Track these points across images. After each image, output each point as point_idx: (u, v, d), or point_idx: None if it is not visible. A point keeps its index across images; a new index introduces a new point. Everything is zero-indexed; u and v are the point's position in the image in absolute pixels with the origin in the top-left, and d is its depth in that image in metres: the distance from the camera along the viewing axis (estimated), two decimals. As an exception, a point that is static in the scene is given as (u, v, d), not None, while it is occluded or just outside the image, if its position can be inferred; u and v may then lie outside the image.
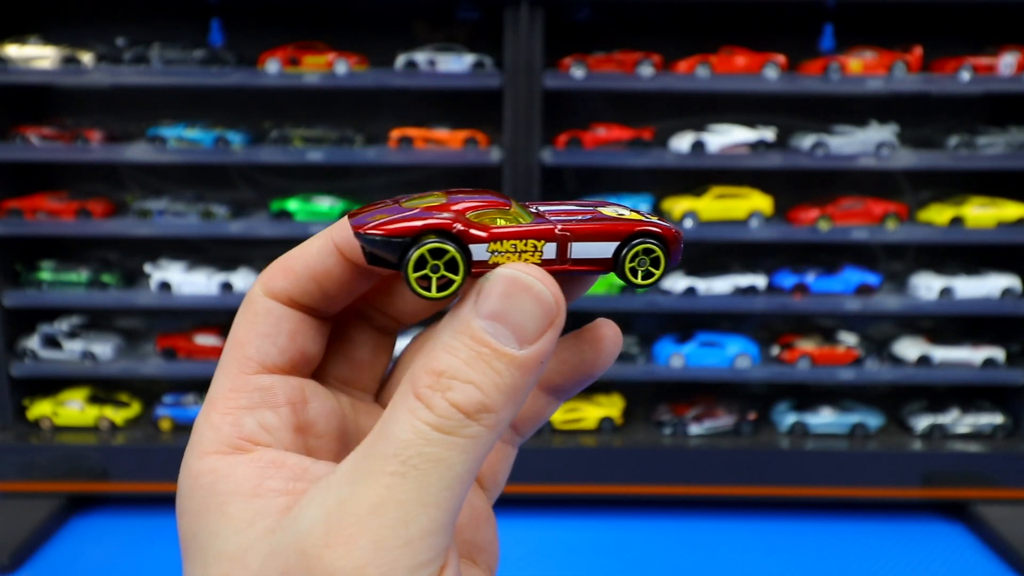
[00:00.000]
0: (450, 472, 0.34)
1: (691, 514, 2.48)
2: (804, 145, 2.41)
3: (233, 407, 0.40)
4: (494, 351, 0.35)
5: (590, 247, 0.41)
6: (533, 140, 2.31)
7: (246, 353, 0.41)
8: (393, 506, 0.34)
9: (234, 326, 0.43)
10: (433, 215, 0.39)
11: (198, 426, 0.41)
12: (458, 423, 0.34)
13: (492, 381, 0.35)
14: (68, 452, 2.44)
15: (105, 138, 2.43)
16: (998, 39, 2.42)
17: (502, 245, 0.39)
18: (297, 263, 0.43)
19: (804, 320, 2.72)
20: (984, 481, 2.44)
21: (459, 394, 0.35)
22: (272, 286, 0.43)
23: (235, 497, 0.37)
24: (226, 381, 0.41)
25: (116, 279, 2.49)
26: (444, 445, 0.34)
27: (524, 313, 0.36)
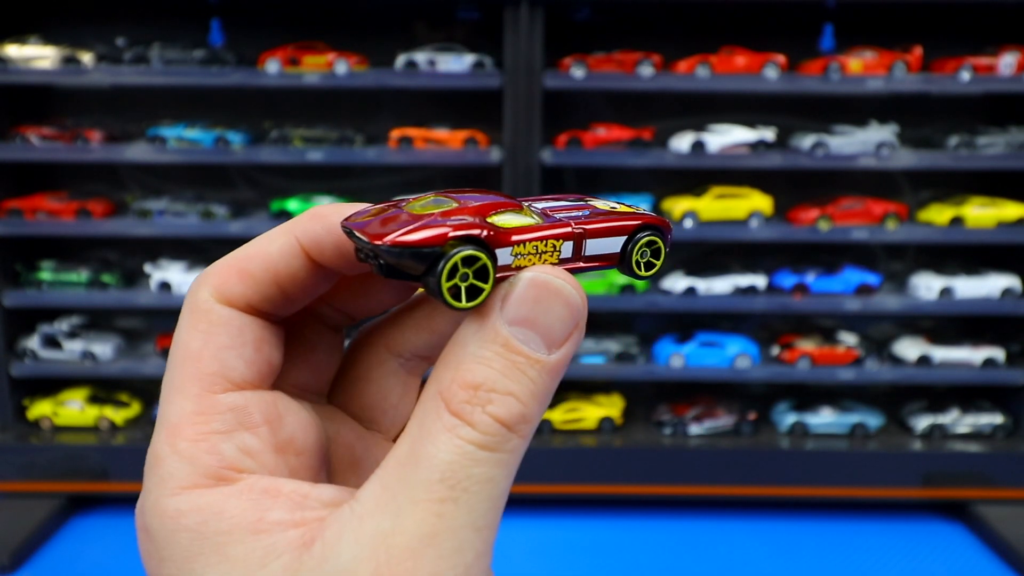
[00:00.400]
0: (497, 490, 0.33)
1: (691, 514, 2.48)
2: (804, 145, 2.41)
3: (205, 432, 0.35)
4: (528, 359, 0.34)
5: (602, 243, 0.41)
6: (533, 140, 2.31)
7: (206, 369, 0.37)
8: (447, 535, 0.32)
9: (182, 338, 0.38)
10: (458, 220, 0.37)
11: (161, 459, 0.35)
12: (502, 438, 0.33)
13: (529, 390, 0.33)
14: (68, 452, 2.44)
15: (105, 138, 2.43)
16: (998, 39, 2.42)
17: (525, 248, 0.37)
18: (255, 265, 0.38)
19: (804, 320, 2.72)
20: (984, 481, 2.44)
21: (500, 408, 0.33)
22: (227, 291, 0.38)
23: (235, 536, 0.34)
24: (186, 403, 0.36)
25: (116, 279, 2.49)
26: (491, 464, 0.33)
27: (553, 317, 0.35)
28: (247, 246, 0.39)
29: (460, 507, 0.32)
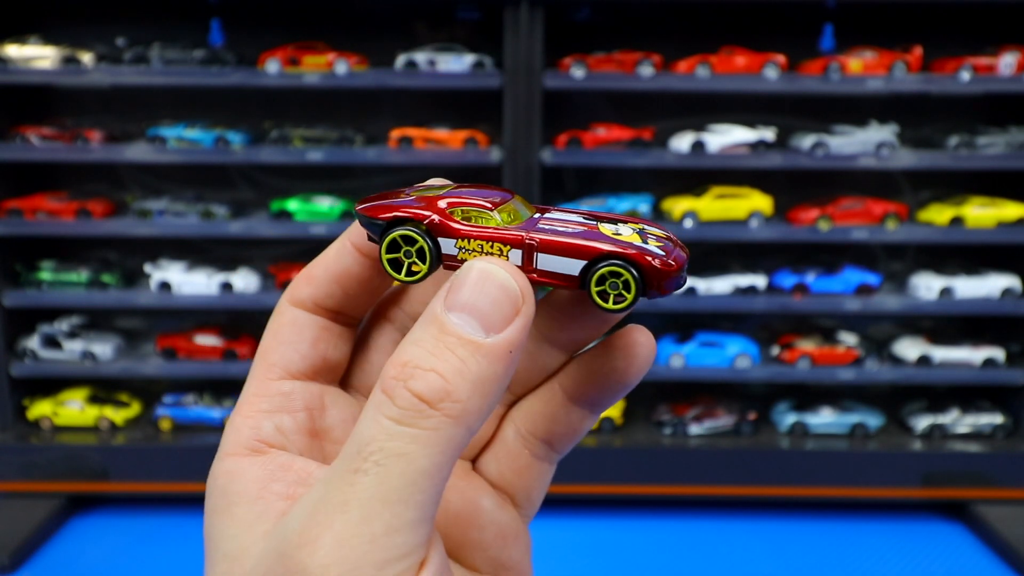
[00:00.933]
0: (412, 466, 0.33)
1: (691, 514, 2.48)
2: (804, 145, 2.41)
3: (255, 411, 0.42)
4: (459, 339, 0.35)
5: (556, 261, 0.40)
6: (533, 140, 2.31)
7: (270, 360, 0.43)
8: (355, 505, 0.33)
9: (264, 335, 0.45)
10: (416, 205, 0.42)
11: (225, 429, 0.42)
12: (419, 414, 0.33)
13: (455, 368, 0.34)
14: (68, 452, 2.44)
15: (105, 138, 2.43)
16: (998, 39, 2.42)
17: (469, 243, 0.41)
18: (317, 269, 0.45)
19: (804, 320, 2.72)
20: (984, 481, 2.44)
21: (420, 383, 0.34)
22: (296, 294, 0.45)
23: (242, 498, 0.39)
24: (251, 386, 0.43)
25: (116, 279, 2.49)
26: (405, 438, 0.33)
27: (490, 301, 0.36)
28: (319, 255, 0.46)
29: (370, 478, 0.33)
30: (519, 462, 0.46)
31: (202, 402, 2.53)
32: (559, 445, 0.47)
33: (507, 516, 0.46)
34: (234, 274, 2.45)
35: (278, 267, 2.52)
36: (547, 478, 0.48)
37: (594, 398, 0.44)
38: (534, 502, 0.48)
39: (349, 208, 2.45)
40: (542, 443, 0.46)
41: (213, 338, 2.52)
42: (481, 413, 0.35)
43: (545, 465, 0.47)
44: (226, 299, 2.44)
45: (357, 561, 0.33)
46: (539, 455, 0.47)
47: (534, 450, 0.46)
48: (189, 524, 2.35)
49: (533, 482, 0.47)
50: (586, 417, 0.46)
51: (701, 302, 2.47)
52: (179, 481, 2.40)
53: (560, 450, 0.47)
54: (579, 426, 0.46)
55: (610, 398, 0.45)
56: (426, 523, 0.34)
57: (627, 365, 0.43)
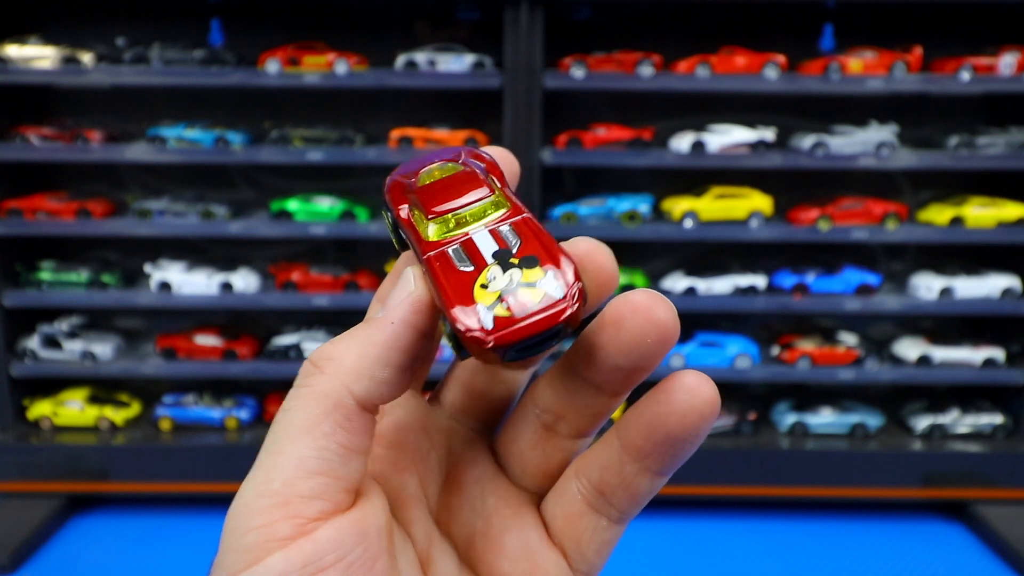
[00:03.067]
0: (288, 416, 0.36)
1: (691, 514, 2.48)
2: (804, 145, 2.41)
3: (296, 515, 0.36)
4: (366, 320, 0.39)
5: None
6: (533, 140, 2.31)
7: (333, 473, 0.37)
8: (259, 459, 0.36)
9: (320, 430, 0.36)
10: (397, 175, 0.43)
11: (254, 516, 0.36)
12: (306, 373, 0.37)
13: (345, 334, 0.38)
14: (68, 452, 2.44)
15: (105, 138, 2.43)
16: (998, 39, 2.42)
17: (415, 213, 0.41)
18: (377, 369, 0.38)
19: (804, 320, 2.72)
20: (984, 481, 2.44)
21: (316, 353, 0.37)
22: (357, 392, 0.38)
23: None
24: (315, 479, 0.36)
25: (116, 279, 2.49)
26: (292, 396, 0.37)
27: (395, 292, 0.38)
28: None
29: (268, 437, 0.36)
30: (572, 507, 0.42)
31: (202, 402, 2.53)
32: (615, 499, 0.42)
33: (556, 568, 0.42)
34: (234, 274, 2.45)
35: (278, 267, 2.52)
36: (605, 536, 0.42)
37: (644, 449, 0.41)
38: (587, 558, 0.42)
39: (349, 208, 2.45)
40: (596, 491, 0.42)
41: (213, 338, 2.52)
42: (359, 369, 0.36)
43: (603, 521, 0.42)
44: (226, 299, 2.44)
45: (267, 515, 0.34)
46: (594, 505, 0.42)
47: (588, 497, 0.42)
48: (189, 524, 2.35)
49: (585, 534, 0.42)
50: (641, 473, 0.41)
51: (701, 302, 2.47)
52: (179, 481, 2.40)
53: (618, 506, 0.42)
54: (634, 481, 0.41)
55: (661, 450, 0.40)
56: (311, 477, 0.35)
57: (667, 410, 0.40)
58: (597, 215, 2.44)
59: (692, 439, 0.39)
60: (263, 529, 0.34)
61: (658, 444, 0.40)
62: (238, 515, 0.35)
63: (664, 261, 2.63)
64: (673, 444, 0.40)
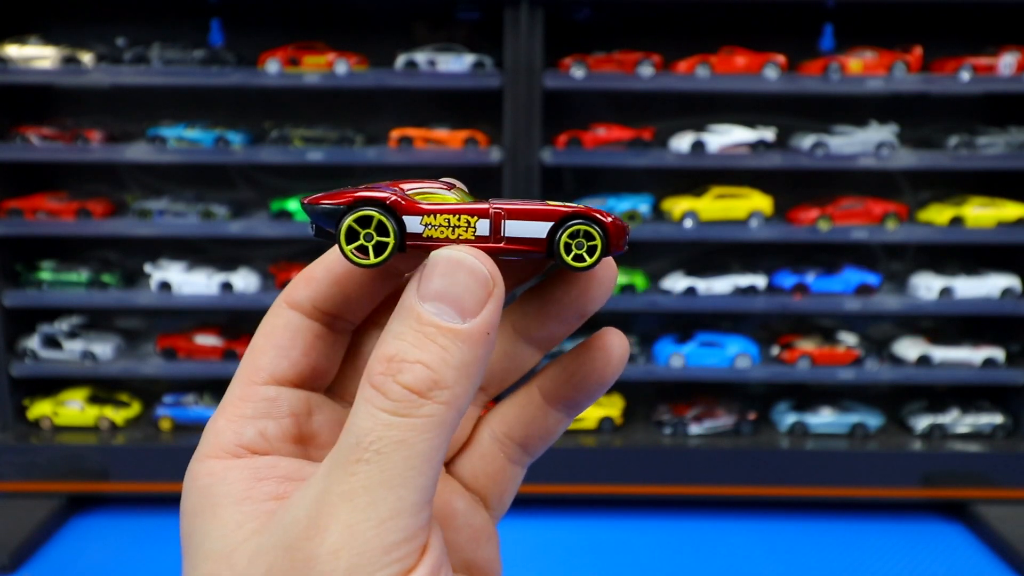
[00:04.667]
0: (412, 452, 0.35)
1: (691, 514, 2.48)
2: (804, 145, 2.41)
3: (238, 415, 0.41)
4: (438, 328, 0.36)
5: (524, 226, 0.42)
6: (533, 140, 2.31)
7: (259, 363, 0.42)
8: (361, 492, 0.35)
9: (255, 334, 0.44)
10: (374, 189, 0.42)
11: (205, 430, 0.42)
12: (412, 404, 0.35)
13: (440, 357, 0.36)
14: (68, 452, 2.44)
15: (105, 138, 2.43)
16: (998, 39, 2.42)
17: (435, 219, 0.41)
18: (318, 270, 0.43)
19: (804, 320, 2.72)
20: (984, 481, 2.44)
21: (409, 375, 0.35)
22: (294, 296, 0.43)
23: (226, 499, 0.39)
24: (237, 388, 0.42)
25: (116, 279, 2.49)
26: (403, 427, 0.35)
27: (462, 288, 0.37)
28: (320, 257, 0.44)
29: (372, 467, 0.35)
30: (494, 465, 0.47)
31: (202, 402, 2.53)
32: (533, 448, 0.47)
33: (480, 518, 0.47)
34: (234, 274, 2.45)
35: (278, 267, 2.52)
36: (519, 481, 0.49)
37: (572, 399, 0.46)
38: (505, 504, 0.49)
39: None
40: (518, 446, 0.47)
41: (213, 338, 2.52)
42: (468, 395, 0.37)
43: (518, 469, 0.48)
44: (226, 299, 2.44)
45: (365, 545, 0.34)
46: (514, 459, 0.48)
47: (509, 453, 0.47)
48: (189, 524, 2.35)
49: (506, 485, 0.48)
50: (562, 421, 0.47)
51: (701, 302, 2.47)
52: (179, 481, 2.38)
53: (533, 453, 0.48)
54: (554, 429, 0.47)
55: (587, 399, 0.46)
56: (427, 506, 0.36)
57: (602, 367, 0.45)
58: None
59: (611, 384, 0.46)
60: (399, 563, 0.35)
61: (591, 395, 0.46)
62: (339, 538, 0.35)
63: (664, 261, 2.63)
64: (602, 391, 0.46)
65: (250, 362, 0.43)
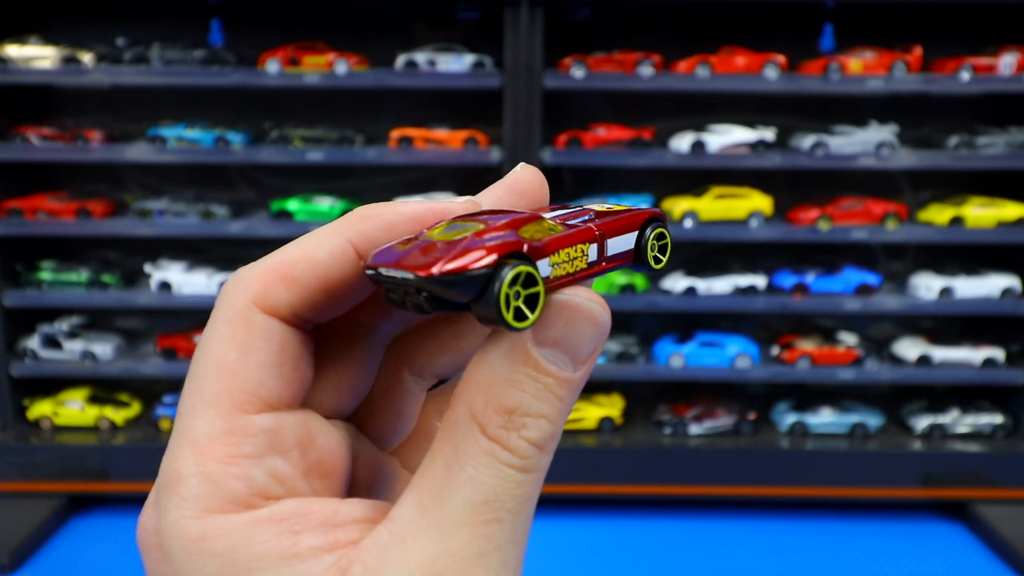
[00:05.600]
0: (533, 506, 0.34)
1: (691, 514, 2.48)
2: (804, 145, 2.41)
3: (235, 455, 0.34)
4: (557, 379, 0.34)
5: (619, 241, 0.41)
6: (533, 140, 2.31)
7: (241, 386, 0.34)
8: (494, 553, 0.33)
9: (215, 346, 0.35)
10: (498, 238, 0.35)
11: (184, 477, 0.33)
12: (538, 459, 0.34)
13: (558, 409, 0.34)
14: (68, 452, 2.44)
15: (105, 138, 2.43)
16: (998, 39, 2.42)
17: (559, 256, 0.37)
18: (302, 270, 0.35)
19: (804, 320, 2.72)
20: (984, 481, 2.44)
21: (535, 431, 0.34)
22: (271, 299, 0.35)
23: (268, 562, 0.33)
24: (217, 421, 0.34)
25: (116, 279, 2.49)
26: (529, 484, 0.34)
27: (581, 337, 0.35)
28: (291, 249, 0.36)
29: (505, 527, 0.33)
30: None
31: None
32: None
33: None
34: (234, 274, 2.45)
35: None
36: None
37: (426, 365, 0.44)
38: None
39: (349, 208, 2.45)
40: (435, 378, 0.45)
41: (213, 338, 2.51)
42: None
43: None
44: (226, 299, 2.44)
45: None
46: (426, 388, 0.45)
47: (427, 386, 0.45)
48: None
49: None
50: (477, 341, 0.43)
51: (701, 302, 2.47)
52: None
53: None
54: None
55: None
56: None
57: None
58: (597, 215, 2.44)
59: None
60: None
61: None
62: None
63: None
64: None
65: (229, 384, 0.34)
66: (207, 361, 0.34)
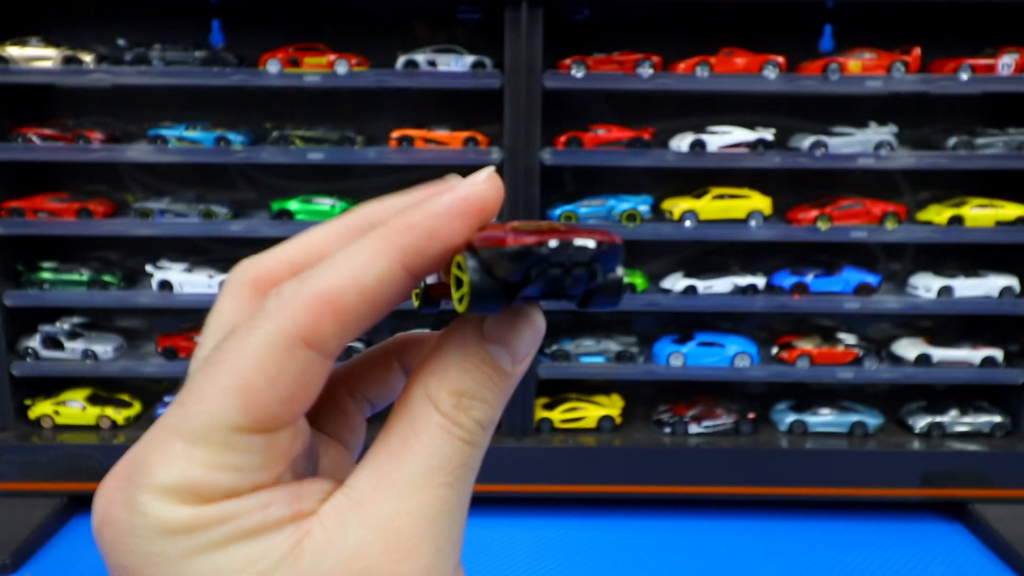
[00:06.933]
0: (474, 477, 0.39)
1: (691, 514, 2.48)
2: (803, 145, 2.41)
3: (225, 464, 0.34)
4: (499, 371, 0.39)
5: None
6: (533, 140, 2.32)
7: (258, 412, 0.34)
8: (447, 515, 0.37)
9: (247, 364, 0.33)
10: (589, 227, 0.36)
11: (167, 468, 0.34)
12: (481, 436, 0.39)
13: (497, 397, 0.40)
14: (69, 452, 2.45)
15: (106, 138, 2.43)
16: (997, 40, 2.42)
17: None
18: (354, 301, 0.34)
19: (803, 320, 2.73)
20: (983, 481, 2.44)
21: (479, 412, 0.39)
22: (320, 335, 0.34)
23: (236, 539, 0.34)
24: (218, 433, 0.34)
25: (117, 279, 2.49)
26: (474, 456, 0.39)
27: (523, 339, 0.40)
28: (336, 272, 0.34)
29: (455, 491, 0.37)
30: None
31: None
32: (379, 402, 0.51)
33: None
34: (235, 274, 2.45)
35: (278, 267, 2.51)
36: None
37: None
38: None
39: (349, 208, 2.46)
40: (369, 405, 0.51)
41: (214, 338, 2.52)
42: None
43: None
44: (227, 299, 2.44)
45: (446, 565, 0.37)
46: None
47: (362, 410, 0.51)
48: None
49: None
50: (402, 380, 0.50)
51: (700, 302, 2.47)
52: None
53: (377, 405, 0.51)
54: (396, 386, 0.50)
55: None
56: None
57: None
58: (597, 215, 2.45)
59: None
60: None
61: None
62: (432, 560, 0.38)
63: (664, 261, 2.64)
64: None
65: (241, 405, 0.33)
66: (230, 373, 0.34)
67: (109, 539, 0.35)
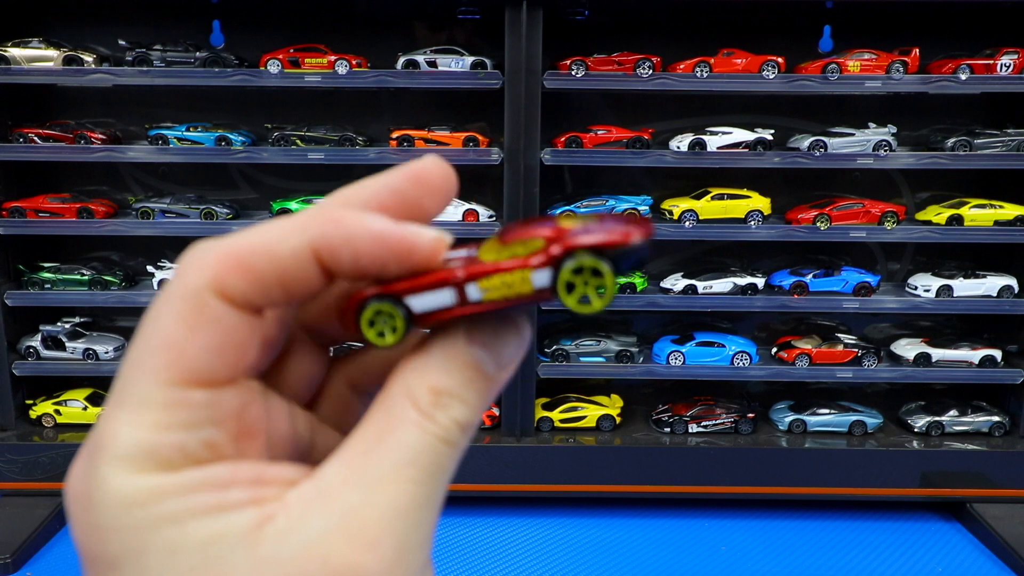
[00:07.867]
0: (448, 476, 0.38)
1: (690, 513, 2.49)
2: (803, 145, 2.42)
3: (169, 423, 0.35)
4: (481, 374, 0.39)
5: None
6: (533, 140, 2.32)
7: (185, 363, 0.35)
8: (414, 511, 0.36)
9: (165, 323, 0.35)
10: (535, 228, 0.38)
11: (118, 438, 0.35)
12: (457, 436, 0.38)
13: (478, 400, 0.39)
14: (70, 451, 2.45)
15: (107, 139, 2.44)
16: (996, 40, 2.43)
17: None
18: (261, 262, 0.36)
19: (803, 320, 2.73)
20: (981, 480, 2.45)
21: (457, 412, 0.38)
22: (227, 286, 0.35)
23: (194, 514, 0.34)
24: (156, 391, 0.35)
25: (118, 279, 2.50)
26: (449, 456, 0.38)
27: (507, 345, 0.40)
28: (254, 236, 0.36)
29: (424, 488, 0.37)
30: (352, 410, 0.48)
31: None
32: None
33: None
34: (235, 274, 2.45)
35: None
36: None
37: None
38: None
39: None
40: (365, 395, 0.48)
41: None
42: None
43: None
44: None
45: (411, 561, 0.36)
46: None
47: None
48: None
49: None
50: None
51: (700, 302, 2.48)
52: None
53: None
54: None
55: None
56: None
57: None
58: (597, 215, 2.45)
59: None
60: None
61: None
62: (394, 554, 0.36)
63: (664, 261, 2.64)
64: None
65: (173, 358, 0.35)
66: (154, 334, 0.36)
67: (76, 517, 0.36)
